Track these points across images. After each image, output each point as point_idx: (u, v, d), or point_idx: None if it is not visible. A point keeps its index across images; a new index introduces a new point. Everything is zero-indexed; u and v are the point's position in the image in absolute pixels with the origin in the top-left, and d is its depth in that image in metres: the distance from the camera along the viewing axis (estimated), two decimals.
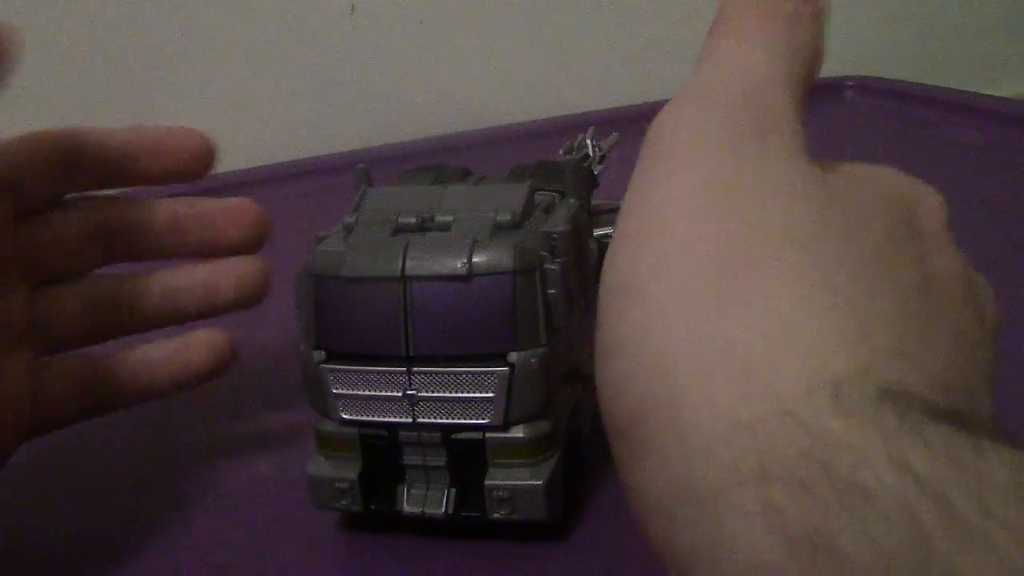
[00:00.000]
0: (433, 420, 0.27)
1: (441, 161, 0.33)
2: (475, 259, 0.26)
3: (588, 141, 0.34)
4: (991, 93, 0.74)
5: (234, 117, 0.70)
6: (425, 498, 0.28)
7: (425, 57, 0.74)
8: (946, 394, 0.18)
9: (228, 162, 0.69)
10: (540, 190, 0.29)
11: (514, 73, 0.77)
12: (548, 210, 0.28)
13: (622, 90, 0.79)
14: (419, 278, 0.26)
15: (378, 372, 0.27)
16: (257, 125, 0.70)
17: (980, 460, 0.15)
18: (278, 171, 0.66)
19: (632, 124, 0.83)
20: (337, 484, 0.28)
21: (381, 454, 0.28)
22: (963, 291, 0.21)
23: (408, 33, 0.73)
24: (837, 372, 0.16)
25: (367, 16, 0.72)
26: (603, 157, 0.33)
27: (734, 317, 0.17)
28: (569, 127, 0.73)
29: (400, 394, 0.27)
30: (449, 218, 0.27)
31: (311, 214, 0.35)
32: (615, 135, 0.34)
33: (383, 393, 0.27)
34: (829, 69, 0.83)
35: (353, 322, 0.27)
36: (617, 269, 0.19)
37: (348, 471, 0.28)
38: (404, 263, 0.26)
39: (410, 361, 0.27)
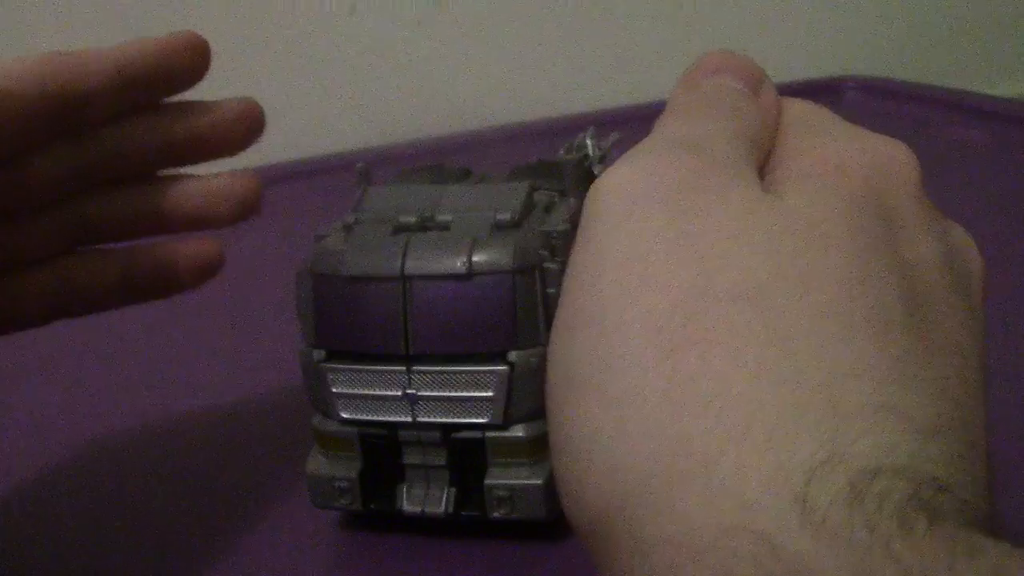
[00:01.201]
0: (433, 419, 0.27)
1: (441, 161, 0.33)
2: (475, 258, 0.26)
3: (588, 141, 0.34)
4: (991, 93, 0.74)
5: None
6: (425, 497, 0.28)
7: (425, 57, 0.74)
8: (934, 442, 0.16)
9: (228, 162, 0.69)
10: (540, 189, 0.29)
11: (514, 73, 0.77)
12: (548, 209, 0.28)
13: (622, 90, 0.79)
14: (419, 277, 0.26)
15: (378, 371, 0.27)
16: None
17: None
18: (278, 171, 0.66)
19: (632, 124, 0.82)
20: (337, 483, 0.28)
21: (381, 453, 0.28)
22: (946, 276, 0.19)
23: (408, 33, 0.73)
24: (801, 462, 0.15)
25: (367, 16, 0.72)
26: (603, 157, 0.33)
27: (685, 406, 0.16)
28: (569, 127, 0.73)
29: (400, 393, 0.27)
30: (448, 217, 0.27)
31: (311, 214, 0.35)
32: (615, 134, 0.34)
33: (383, 392, 0.27)
34: (829, 69, 0.84)
35: (353, 321, 0.27)
36: (558, 362, 0.18)
37: (348, 470, 0.28)
38: (404, 262, 0.26)
39: (410, 360, 0.26)
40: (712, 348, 0.17)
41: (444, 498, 0.27)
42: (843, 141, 0.21)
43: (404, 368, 0.27)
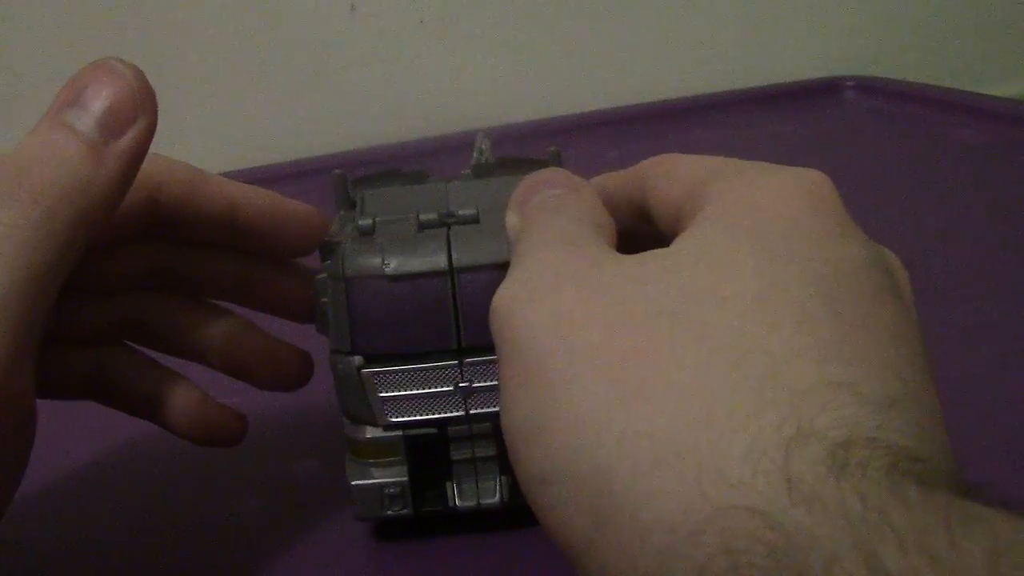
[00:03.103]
0: (485, 410, 0.27)
1: (442, 161, 0.33)
2: None
3: (481, 145, 0.33)
4: (991, 93, 0.74)
5: (234, 117, 0.70)
6: (477, 490, 0.27)
7: (425, 57, 0.74)
8: (894, 413, 0.17)
9: (228, 162, 0.70)
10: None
11: (514, 73, 0.77)
12: None
13: (622, 90, 0.79)
14: (466, 269, 0.26)
15: (428, 369, 0.26)
16: (257, 125, 0.70)
17: (953, 550, 0.14)
18: (278, 171, 0.66)
19: (632, 124, 0.82)
20: (387, 491, 0.27)
21: (426, 454, 0.27)
22: (874, 276, 0.20)
23: (408, 33, 0.73)
24: (773, 439, 0.16)
25: (367, 16, 0.72)
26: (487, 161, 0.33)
27: (642, 407, 0.17)
28: (569, 127, 0.73)
29: (452, 388, 0.26)
30: (472, 211, 0.27)
31: None
32: (481, 135, 0.33)
33: (435, 389, 0.27)
34: (829, 69, 0.84)
35: (397, 321, 0.26)
36: (516, 409, 0.19)
37: (396, 475, 0.27)
38: (450, 255, 0.26)
39: (461, 353, 0.26)
40: (651, 357, 0.18)
41: (497, 488, 0.27)
42: (759, 178, 0.22)
43: (456, 362, 0.26)
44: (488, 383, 0.26)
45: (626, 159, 0.27)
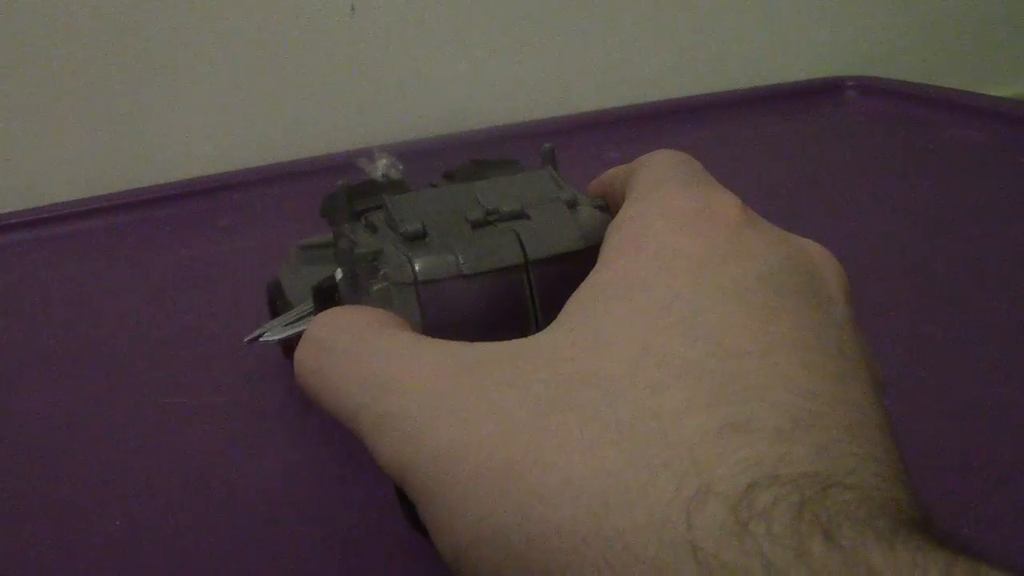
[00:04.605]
0: None
1: (442, 162, 0.33)
2: (585, 232, 0.26)
3: (377, 163, 0.33)
4: (991, 93, 0.74)
5: (234, 117, 0.70)
6: None
7: (425, 57, 0.74)
8: (796, 440, 0.16)
9: (228, 162, 0.70)
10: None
11: (514, 73, 0.77)
12: None
13: (622, 90, 0.79)
14: (539, 261, 0.26)
15: None
16: (257, 125, 0.70)
17: None
18: (278, 171, 0.66)
19: (632, 124, 0.82)
20: None
21: None
22: (770, 284, 0.20)
23: (408, 33, 0.73)
24: (672, 504, 0.15)
25: (367, 16, 0.72)
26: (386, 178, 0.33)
27: (542, 511, 0.17)
28: (569, 127, 0.74)
29: None
30: (516, 207, 0.27)
31: (312, 214, 0.35)
32: (377, 151, 0.34)
33: None
34: (829, 69, 0.83)
35: (471, 321, 0.26)
36: (441, 546, 0.18)
37: None
38: (523, 248, 0.26)
39: None
40: (537, 458, 0.17)
41: None
42: (648, 214, 0.22)
43: None
44: None
45: (626, 159, 0.27)
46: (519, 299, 0.26)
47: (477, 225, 0.27)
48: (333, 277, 0.31)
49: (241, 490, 0.32)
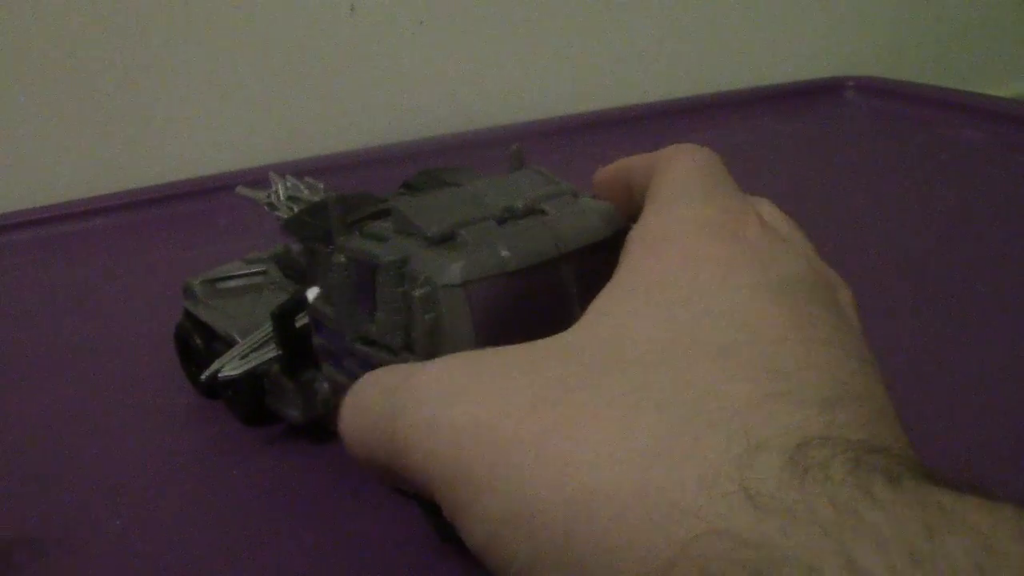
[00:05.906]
0: None
1: (443, 162, 0.33)
2: (606, 220, 0.26)
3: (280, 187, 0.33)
4: (991, 93, 0.74)
5: (234, 117, 0.70)
6: None
7: (425, 57, 0.74)
8: (841, 410, 0.17)
9: (228, 162, 0.70)
10: None
11: (514, 73, 0.77)
12: None
13: (622, 90, 0.80)
14: (574, 252, 0.26)
15: None
16: (257, 125, 0.70)
17: (933, 546, 0.13)
18: (278, 171, 0.66)
19: (632, 124, 0.82)
20: None
21: None
22: (801, 290, 0.20)
23: (408, 33, 0.73)
24: (723, 459, 0.15)
25: (367, 16, 0.72)
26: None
27: (580, 462, 0.17)
28: (569, 127, 0.74)
29: None
30: (531, 203, 0.27)
31: None
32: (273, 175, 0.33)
33: None
34: (829, 69, 0.83)
35: (521, 316, 0.26)
36: (474, 525, 0.18)
37: None
38: (558, 241, 0.26)
39: None
40: (574, 412, 0.17)
41: None
42: (675, 216, 0.23)
43: None
44: None
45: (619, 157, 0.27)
46: (561, 292, 0.26)
47: (502, 223, 0.27)
48: (298, 299, 0.31)
49: (241, 490, 0.32)
